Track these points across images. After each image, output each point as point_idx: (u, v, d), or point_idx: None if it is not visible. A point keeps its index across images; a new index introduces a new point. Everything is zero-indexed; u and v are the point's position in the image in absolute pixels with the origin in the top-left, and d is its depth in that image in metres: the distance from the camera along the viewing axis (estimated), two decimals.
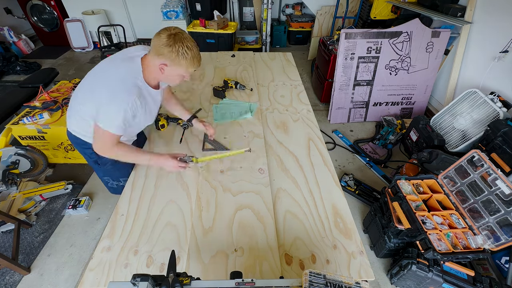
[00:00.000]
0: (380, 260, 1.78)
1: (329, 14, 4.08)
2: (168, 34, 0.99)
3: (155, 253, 1.02)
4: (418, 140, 2.38)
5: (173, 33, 0.99)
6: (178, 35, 1.00)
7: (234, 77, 2.17)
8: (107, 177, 1.44)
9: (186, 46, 1.00)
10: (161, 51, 1.00)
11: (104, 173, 1.42)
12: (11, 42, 4.29)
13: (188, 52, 1.01)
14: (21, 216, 1.92)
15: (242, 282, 0.68)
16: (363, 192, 2.18)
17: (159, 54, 1.01)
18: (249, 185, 1.28)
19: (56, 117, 2.16)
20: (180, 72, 1.08)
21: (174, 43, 0.99)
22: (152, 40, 1.03)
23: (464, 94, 2.18)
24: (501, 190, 1.35)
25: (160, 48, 1.00)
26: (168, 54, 1.00)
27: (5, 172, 2.02)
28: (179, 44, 0.99)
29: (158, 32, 1.02)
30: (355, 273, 0.98)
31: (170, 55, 1.00)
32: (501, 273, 1.54)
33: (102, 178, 1.47)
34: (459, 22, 2.42)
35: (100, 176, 1.47)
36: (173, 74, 1.09)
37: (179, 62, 1.02)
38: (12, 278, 1.67)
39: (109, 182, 1.46)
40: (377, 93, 2.88)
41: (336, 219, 1.15)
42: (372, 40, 2.59)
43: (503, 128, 1.76)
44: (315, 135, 1.60)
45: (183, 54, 1.00)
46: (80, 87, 1.16)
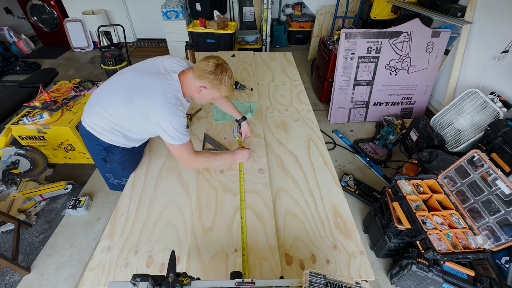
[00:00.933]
0: (380, 260, 1.78)
1: (329, 14, 4.08)
2: (216, 64, 1.12)
3: (155, 253, 1.02)
4: (418, 140, 2.38)
5: (220, 63, 1.14)
6: (223, 65, 1.15)
7: (235, 77, 2.17)
8: (110, 174, 1.46)
9: (228, 75, 1.16)
10: (205, 76, 1.12)
11: (109, 171, 1.44)
12: (11, 42, 4.29)
13: (229, 81, 1.16)
14: (21, 216, 1.92)
15: (242, 282, 0.68)
16: (363, 192, 2.18)
17: (202, 78, 1.13)
18: (249, 185, 1.28)
19: (56, 117, 2.16)
20: (216, 95, 1.21)
21: (220, 72, 1.13)
22: (199, 63, 1.14)
23: (464, 94, 2.18)
24: (501, 190, 1.35)
25: (206, 74, 1.12)
26: (212, 81, 1.13)
27: (5, 172, 2.02)
28: (224, 74, 1.14)
29: (206, 58, 1.14)
30: (355, 273, 0.98)
31: (213, 81, 1.13)
32: (501, 273, 1.54)
33: (104, 174, 1.49)
34: (459, 22, 2.42)
35: (103, 172, 1.49)
36: (207, 96, 1.21)
37: (219, 88, 1.16)
38: (12, 278, 1.67)
39: (110, 179, 1.48)
40: (377, 93, 2.88)
41: (336, 219, 1.15)
42: (372, 40, 2.59)
43: (503, 128, 1.76)
44: (315, 135, 1.60)
45: (225, 82, 1.15)
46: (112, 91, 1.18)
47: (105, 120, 1.18)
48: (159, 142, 1.54)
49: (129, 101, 1.11)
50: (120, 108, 1.14)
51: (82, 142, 2.23)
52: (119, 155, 1.31)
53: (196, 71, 1.14)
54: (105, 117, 1.17)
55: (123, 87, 1.15)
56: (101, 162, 1.36)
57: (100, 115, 1.17)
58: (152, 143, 1.54)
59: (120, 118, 1.17)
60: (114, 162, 1.33)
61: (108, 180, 1.50)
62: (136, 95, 1.10)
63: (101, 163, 1.37)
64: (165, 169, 1.38)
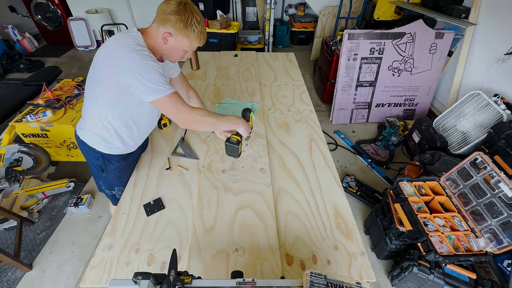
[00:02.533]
0: (381, 262, 1.77)
1: (332, 14, 4.07)
2: (179, 2, 0.93)
3: (156, 251, 1.02)
4: (421, 141, 2.37)
5: (184, 2, 0.94)
6: (188, 4, 0.95)
7: (236, 77, 2.18)
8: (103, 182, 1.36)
9: (195, 18, 0.95)
10: (167, 18, 0.93)
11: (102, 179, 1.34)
12: (15, 40, 4.32)
13: (196, 25, 0.96)
14: (23, 213, 1.93)
15: (243, 282, 0.68)
16: (365, 193, 2.17)
17: (165, 21, 0.94)
18: (251, 184, 1.28)
19: (59, 115, 2.17)
20: (184, 45, 1.01)
21: (184, 11, 0.93)
22: (159, 6, 0.95)
23: (468, 96, 2.17)
24: (504, 193, 1.34)
25: (167, 15, 0.93)
26: (175, 23, 0.94)
27: (8, 170, 2.03)
28: (188, 14, 0.93)
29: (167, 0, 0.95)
30: (356, 274, 0.97)
31: (177, 24, 0.94)
32: (503, 276, 1.53)
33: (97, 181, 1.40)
34: (463, 23, 2.41)
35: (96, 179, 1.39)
36: (175, 47, 1.02)
37: (186, 33, 0.96)
38: (14, 275, 1.68)
39: (102, 186, 1.39)
40: (380, 94, 2.87)
41: (337, 220, 1.15)
42: (375, 41, 2.59)
43: (506, 131, 1.75)
44: (317, 136, 1.60)
45: (191, 25, 0.95)
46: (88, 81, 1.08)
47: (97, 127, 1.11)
48: (160, 142, 1.54)
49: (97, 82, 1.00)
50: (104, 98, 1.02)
51: None
52: (116, 164, 1.25)
53: (157, 16, 0.96)
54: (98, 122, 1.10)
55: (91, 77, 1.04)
56: (97, 171, 1.27)
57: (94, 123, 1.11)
58: (153, 142, 1.54)
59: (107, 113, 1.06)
60: (111, 171, 1.27)
61: (101, 187, 1.41)
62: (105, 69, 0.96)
63: (96, 172, 1.29)
64: (166, 168, 1.38)
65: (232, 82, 2.11)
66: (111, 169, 1.27)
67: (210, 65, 2.36)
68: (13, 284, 1.64)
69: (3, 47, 4.03)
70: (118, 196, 1.40)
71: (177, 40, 0.99)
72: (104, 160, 1.23)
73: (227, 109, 1.80)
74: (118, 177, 1.32)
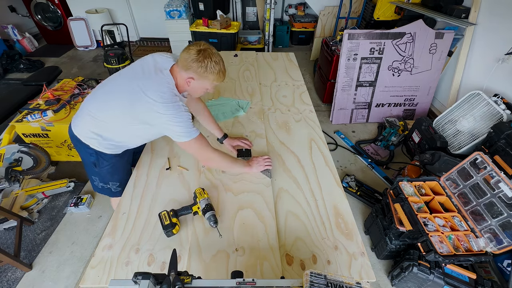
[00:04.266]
0: (381, 262, 1.77)
1: (332, 14, 4.07)
2: (198, 50, 1.03)
3: (156, 251, 1.02)
4: (421, 141, 2.37)
5: (202, 49, 1.04)
6: (206, 50, 1.04)
7: (236, 77, 2.18)
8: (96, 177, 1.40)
9: (214, 61, 1.05)
10: (189, 66, 1.04)
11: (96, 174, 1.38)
12: (15, 40, 4.31)
13: (215, 67, 1.06)
14: (23, 213, 1.93)
15: (243, 282, 0.68)
16: (365, 193, 2.17)
17: (187, 68, 1.05)
18: (251, 185, 1.29)
19: (60, 115, 2.17)
20: (206, 85, 1.12)
21: (203, 58, 1.03)
22: (181, 54, 1.07)
23: (468, 96, 2.17)
24: (504, 193, 1.34)
25: (189, 63, 1.04)
26: (197, 69, 1.04)
27: (8, 169, 2.03)
28: (208, 60, 1.04)
29: (187, 47, 1.06)
30: (356, 274, 0.97)
31: (198, 70, 1.04)
32: (503, 276, 1.53)
33: (90, 176, 1.43)
34: (463, 23, 2.41)
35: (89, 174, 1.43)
36: (198, 88, 1.13)
37: (207, 76, 1.07)
38: (14, 275, 1.68)
39: (95, 181, 1.42)
40: (380, 94, 2.87)
41: (337, 220, 1.15)
42: (375, 41, 2.59)
43: (506, 131, 1.75)
44: (317, 136, 1.60)
45: (210, 69, 1.05)
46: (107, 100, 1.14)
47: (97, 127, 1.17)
48: (161, 141, 1.54)
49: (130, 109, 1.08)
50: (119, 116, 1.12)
51: None
52: (109, 161, 1.29)
53: (181, 63, 1.07)
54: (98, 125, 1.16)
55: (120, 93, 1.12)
56: (91, 167, 1.33)
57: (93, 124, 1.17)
58: (153, 142, 1.54)
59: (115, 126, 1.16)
60: (104, 167, 1.31)
61: (93, 182, 1.44)
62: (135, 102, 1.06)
63: (89, 166, 1.34)
64: (166, 168, 1.38)
65: (232, 82, 2.11)
66: (104, 165, 1.30)
67: None
68: (13, 284, 1.64)
69: (3, 47, 4.03)
70: (114, 190, 1.43)
71: (199, 83, 1.10)
72: (98, 156, 1.26)
73: (216, 111, 1.78)
74: (111, 173, 1.35)
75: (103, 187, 1.42)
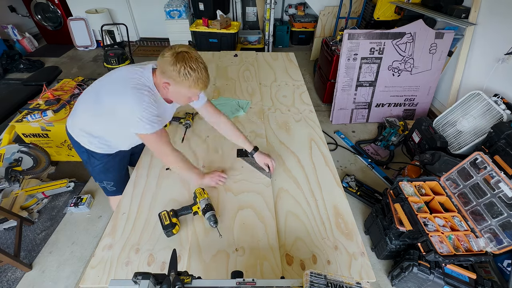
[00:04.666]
0: (381, 262, 1.77)
1: (332, 14, 4.07)
2: (172, 53, 0.97)
3: (156, 251, 1.02)
4: (421, 141, 2.37)
5: (177, 52, 0.97)
6: (182, 54, 0.96)
7: (236, 77, 2.18)
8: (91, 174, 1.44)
9: (189, 66, 0.96)
10: (164, 69, 0.99)
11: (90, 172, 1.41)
12: (15, 40, 4.31)
13: (190, 73, 0.97)
14: (23, 213, 1.93)
15: (243, 282, 0.68)
16: (365, 193, 2.17)
17: (162, 72, 1.00)
18: (251, 185, 1.29)
19: (60, 115, 2.17)
20: (183, 92, 1.04)
21: (176, 62, 0.96)
22: (159, 56, 1.01)
23: (468, 96, 2.17)
24: (504, 193, 1.34)
25: (164, 66, 0.98)
26: (171, 73, 0.97)
27: (8, 169, 2.03)
28: (181, 64, 0.95)
29: (163, 50, 1.00)
30: (356, 274, 0.97)
31: (172, 74, 0.97)
32: (503, 276, 1.53)
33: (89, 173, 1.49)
34: (463, 23, 2.40)
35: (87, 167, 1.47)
36: (177, 94, 1.06)
37: (181, 82, 0.99)
38: (14, 275, 1.68)
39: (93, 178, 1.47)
40: (380, 94, 2.87)
41: (337, 220, 1.15)
42: (375, 41, 2.59)
43: (506, 131, 1.75)
44: (317, 136, 1.60)
45: (185, 75, 0.97)
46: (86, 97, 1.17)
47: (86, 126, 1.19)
48: None
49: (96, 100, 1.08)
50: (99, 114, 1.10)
51: None
52: (101, 160, 1.30)
53: (158, 65, 1.02)
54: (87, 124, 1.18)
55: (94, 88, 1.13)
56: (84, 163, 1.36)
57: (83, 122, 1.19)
58: None
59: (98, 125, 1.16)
60: (95, 166, 1.32)
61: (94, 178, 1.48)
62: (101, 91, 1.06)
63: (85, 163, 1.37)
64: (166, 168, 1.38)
65: (232, 82, 2.11)
66: (96, 164, 1.31)
67: (210, 65, 2.36)
68: (13, 284, 1.64)
69: (3, 47, 4.03)
70: (109, 189, 1.44)
71: (176, 88, 1.03)
72: (88, 155, 1.27)
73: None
74: (104, 173, 1.36)
75: (100, 185, 1.45)
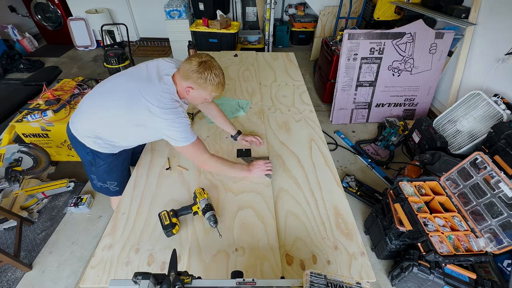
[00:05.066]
0: (381, 262, 1.77)
1: (332, 14, 4.07)
2: (199, 61, 1.07)
3: (156, 251, 1.02)
4: (421, 141, 2.37)
5: (204, 61, 1.08)
6: (208, 63, 1.08)
7: (236, 77, 2.18)
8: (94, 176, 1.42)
9: (214, 73, 1.09)
10: (189, 76, 1.08)
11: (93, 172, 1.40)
12: (15, 40, 4.31)
13: (215, 79, 1.10)
14: (23, 213, 1.93)
15: (243, 282, 0.68)
16: (365, 193, 2.17)
17: (187, 78, 1.09)
18: (251, 185, 1.28)
19: (60, 115, 2.17)
20: (204, 96, 1.16)
21: (204, 70, 1.07)
22: (183, 63, 1.11)
23: (468, 96, 2.17)
24: (504, 193, 1.34)
25: (189, 73, 1.08)
26: (196, 80, 1.08)
27: (8, 169, 2.03)
28: (208, 72, 1.07)
29: (189, 58, 1.10)
30: (356, 274, 0.97)
31: (198, 80, 1.08)
32: (503, 276, 1.53)
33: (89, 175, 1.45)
34: (463, 23, 2.40)
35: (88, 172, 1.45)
36: (197, 97, 1.16)
37: (205, 88, 1.11)
38: (14, 275, 1.68)
39: (94, 180, 1.44)
40: (380, 94, 2.87)
41: (337, 220, 1.15)
42: (375, 41, 2.59)
43: (506, 131, 1.75)
44: (317, 136, 1.60)
45: (210, 81, 1.09)
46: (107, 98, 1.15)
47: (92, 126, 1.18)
48: (161, 141, 1.54)
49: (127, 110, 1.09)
50: (115, 116, 1.12)
51: None
52: (105, 160, 1.31)
53: (181, 72, 1.11)
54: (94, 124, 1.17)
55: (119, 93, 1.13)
56: (87, 164, 1.35)
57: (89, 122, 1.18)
58: (153, 142, 1.54)
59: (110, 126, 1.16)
60: (100, 166, 1.32)
61: (92, 181, 1.45)
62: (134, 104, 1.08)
63: (87, 165, 1.36)
64: (166, 168, 1.38)
65: (232, 82, 2.11)
66: (100, 164, 1.32)
67: None
68: (13, 284, 1.64)
69: (3, 47, 4.03)
70: (112, 189, 1.44)
71: (197, 92, 1.13)
72: (94, 155, 1.27)
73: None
74: (108, 173, 1.37)
75: (102, 186, 1.43)
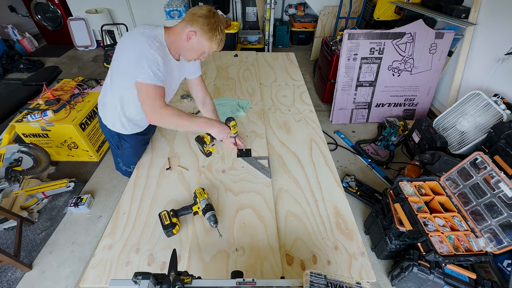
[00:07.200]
0: (381, 262, 1.77)
1: (332, 14, 4.07)
2: (209, 9, 1.07)
3: (156, 251, 1.02)
4: (421, 141, 2.37)
5: (214, 11, 1.08)
6: (217, 14, 1.07)
7: (237, 77, 2.18)
8: (120, 159, 1.49)
9: (220, 26, 1.07)
10: (196, 20, 1.05)
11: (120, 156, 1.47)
12: (15, 40, 4.31)
13: (220, 32, 1.07)
14: (23, 213, 1.93)
15: (243, 282, 0.68)
16: (365, 193, 2.17)
17: (193, 22, 1.06)
18: (251, 184, 1.28)
19: (60, 115, 2.17)
20: (204, 46, 1.11)
21: (212, 17, 1.05)
22: (191, 9, 1.08)
23: (468, 96, 2.17)
24: (504, 193, 1.34)
25: (197, 17, 1.05)
26: (202, 25, 1.05)
27: (8, 169, 2.03)
28: (216, 20, 1.06)
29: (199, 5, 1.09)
30: (356, 274, 0.97)
31: (204, 26, 1.05)
32: (503, 276, 1.53)
33: (115, 158, 1.53)
34: (463, 23, 2.40)
35: (115, 156, 1.53)
36: (196, 47, 1.11)
37: (209, 36, 1.07)
38: (14, 275, 1.68)
39: (120, 163, 1.51)
40: (380, 94, 2.87)
41: (337, 220, 1.15)
42: (375, 41, 2.59)
43: (506, 131, 1.75)
44: (317, 136, 1.60)
45: (215, 30, 1.06)
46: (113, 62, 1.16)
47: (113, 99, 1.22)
48: (161, 141, 1.54)
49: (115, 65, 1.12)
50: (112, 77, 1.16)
51: (85, 139, 2.26)
52: (130, 142, 1.38)
53: (187, 16, 1.08)
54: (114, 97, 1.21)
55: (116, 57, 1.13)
56: (114, 148, 1.42)
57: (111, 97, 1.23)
58: (153, 142, 1.54)
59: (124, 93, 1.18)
60: (125, 149, 1.39)
61: (118, 164, 1.53)
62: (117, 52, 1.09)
63: (114, 148, 1.44)
64: (166, 168, 1.38)
65: (232, 82, 2.11)
66: (126, 146, 1.39)
67: (210, 65, 2.36)
68: (13, 284, 1.64)
69: (3, 47, 4.03)
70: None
71: (199, 40, 1.09)
72: (119, 137, 1.35)
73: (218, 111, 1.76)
74: (133, 155, 1.43)
75: (126, 170, 1.50)
